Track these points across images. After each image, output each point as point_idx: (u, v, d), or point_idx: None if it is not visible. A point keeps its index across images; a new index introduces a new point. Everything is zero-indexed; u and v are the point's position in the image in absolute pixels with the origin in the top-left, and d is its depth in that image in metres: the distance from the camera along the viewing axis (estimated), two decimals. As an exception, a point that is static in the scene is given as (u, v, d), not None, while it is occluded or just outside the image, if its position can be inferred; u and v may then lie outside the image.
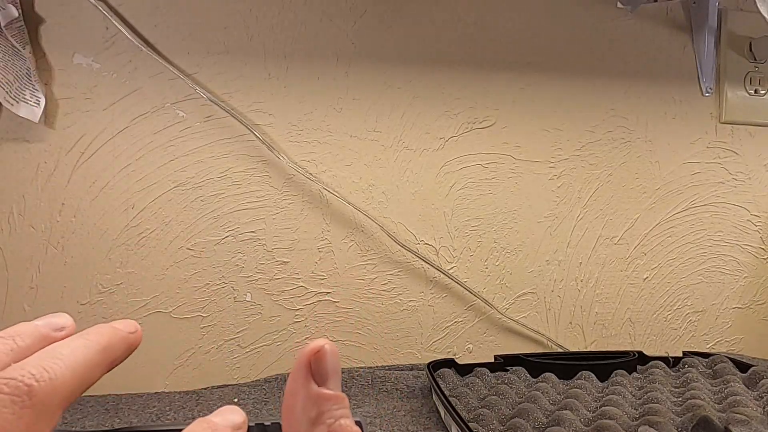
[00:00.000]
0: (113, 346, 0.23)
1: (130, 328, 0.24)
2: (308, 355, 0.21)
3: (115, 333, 0.23)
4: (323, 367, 0.21)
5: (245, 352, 0.81)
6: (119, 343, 0.23)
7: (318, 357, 0.21)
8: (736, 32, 0.96)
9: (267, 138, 0.79)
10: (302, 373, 0.21)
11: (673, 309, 0.96)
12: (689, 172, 0.95)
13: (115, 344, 0.23)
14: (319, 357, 0.21)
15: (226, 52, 0.79)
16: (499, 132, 0.88)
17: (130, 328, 0.24)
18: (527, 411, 0.60)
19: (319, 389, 0.20)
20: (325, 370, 0.21)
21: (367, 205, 0.83)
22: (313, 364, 0.21)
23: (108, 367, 0.23)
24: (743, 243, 0.98)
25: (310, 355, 0.21)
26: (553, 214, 0.91)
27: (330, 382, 0.21)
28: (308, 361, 0.21)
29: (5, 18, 0.69)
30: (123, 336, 0.23)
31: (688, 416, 0.59)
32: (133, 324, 0.24)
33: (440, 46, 0.85)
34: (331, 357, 0.21)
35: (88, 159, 0.75)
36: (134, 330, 0.24)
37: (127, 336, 0.24)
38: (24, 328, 0.22)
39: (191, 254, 0.79)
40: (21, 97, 0.71)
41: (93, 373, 0.21)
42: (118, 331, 0.23)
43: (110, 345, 0.23)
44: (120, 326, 0.24)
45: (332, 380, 0.21)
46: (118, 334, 0.23)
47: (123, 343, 0.23)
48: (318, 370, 0.21)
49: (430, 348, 0.87)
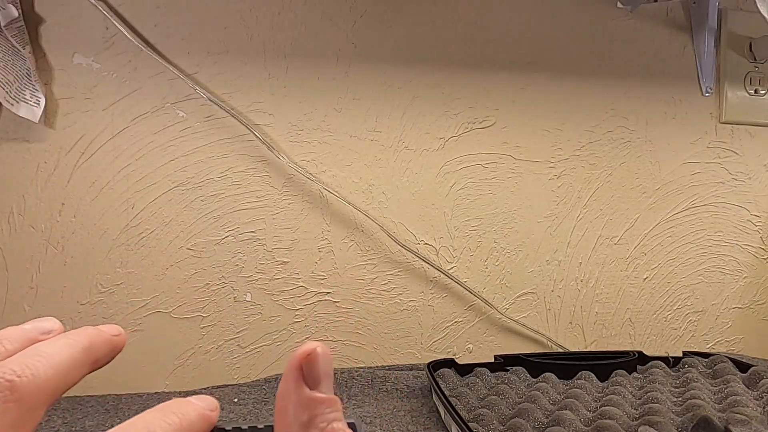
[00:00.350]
0: (96, 346, 0.23)
1: (113, 331, 0.24)
2: (300, 358, 0.20)
3: (99, 334, 0.24)
4: (315, 371, 0.20)
5: (245, 352, 0.81)
6: (103, 344, 0.24)
7: (310, 360, 0.20)
8: (736, 32, 0.96)
9: (267, 138, 0.79)
10: (294, 376, 0.20)
11: (673, 309, 0.96)
12: (689, 172, 0.95)
13: (99, 345, 0.23)
14: (310, 360, 0.20)
15: (226, 52, 0.79)
16: (499, 132, 0.88)
17: (113, 331, 0.24)
18: (527, 411, 0.60)
19: (311, 393, 0.20)
20: (317, 373, 0.20)
21: (367, 205, 0.83)
22: (304, 367, 0.20)
23: (91, 366, 0.23)
24: (743, 243, 0.98)
25: (302, 358, 0.20)
26: (553, 214, 0.91)
27: (322, 385, 0.20)
28: (300, 364, 0.20)
29: (5, 18, 0.69)
30: (106, 338, 0.24)
31: (688, 416, 0.59)
32: (117, 328, 0.25)
33: (440, 46, 0.85)
34: (323, 360, 0.20)
35: (88, 159, 0.75)
36: (118, 333, 0.25)
37: (110, 338, 0.24)
38: (12, 332, 0.23)
39: (191, 254, 0.79)
40: (21, 97, 0.71)
41: (76, 371, 0.22)
42: (102, 333, 0.24)
43: (93, 345, 0.23)
44: (104, 329, 0.24)
45: (324, 383, 0.21)
46: (101, 335, 0.24)
47: (106, 345, 0.24)
48: (310, 374, 0.20)
49: (430, 348, 0.87)
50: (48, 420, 0.64)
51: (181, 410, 0.21)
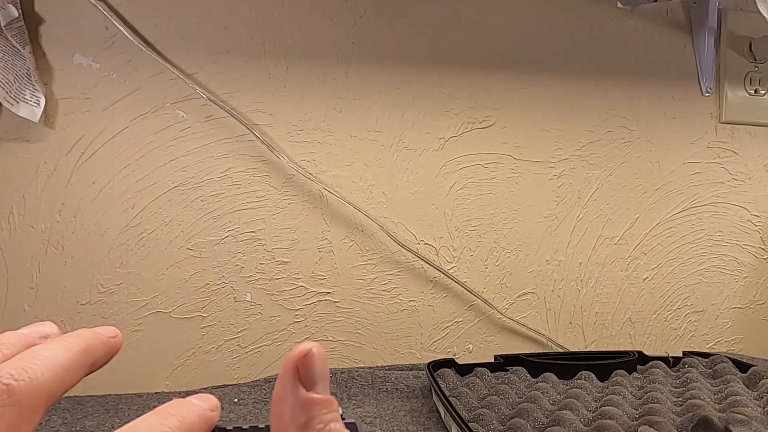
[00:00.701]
0: (93, 348, 0.23)
1: (110, 333, 0.24)
2: (296, 359, 0.20)
3: (95, 336, 0.24)
4: (311, 372, 0.20)
5: (245, 352, 0.81)
6: (99, 346, 0.24)
7: (306, 361, 0.20)
8: (736, 32, 0.96)
9: (267, 138, 0.79)
10: (290, 377, 0.20)
11: (673, 309, 0.96)
12: (689, 172, 0.95)
13: (95, 347, 0.23)
14: (306, 361, 0.20)
15: (226, 52, 0.79)
16: (499, 132, 0.88)
17: (110, 333, 0.24)
18: (527, 411, 0.60)
19: (307, 394, 0.20)
20: (314, 374, 0.20)
21: (367, 205, 0.83)
22: (300, 368, 0.20)
23: (88, 369, 0.23)
24: (743, 243, 0.98)
25: (298, 359, 0.20)
26: (553, 214, 0.91)
27: (318, 385, 0.20)
28: (296, 365, 0.20)
29: (5, 18, 0.69)
30: (103, 339, 0.24)
31: (688, 416, 0.59)
32: (114, 329, 0.25)
33: (440, 46, 0.85)
34: (319, 360, 0.20)
35: (88, 159, 0.75)
36: (114, 335, 0.25)
37: (107, 340, 0.24)
38: (10, 336, 0.23)
39: (191, 254, 0.79)
40: (21, 97, 0.71)
41: (73, 374, 0.22)
42: (99, 335, 0.24)
43: (90, 347, 0.23)
44: (101, 330, 0.24)
45: (321, 384, 0.20)
46: (98, 337, 0.24)
47: (103, 347, 0.24)
48: (306, 375, 0.20)
49: (430, 348, 0.87)
50: (48, 420, 0.64)
51: (180, 412, 0.21)
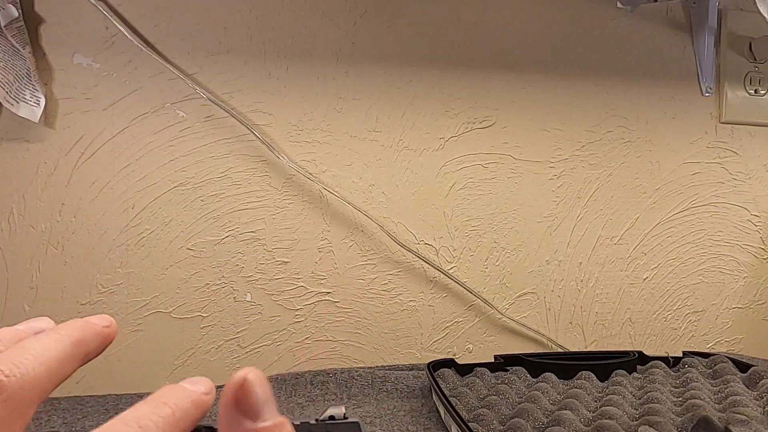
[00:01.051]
0: (87, 339, 0.23)
1: (104, 322, 0.24)
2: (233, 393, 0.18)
3: (89, 327, 0.23)
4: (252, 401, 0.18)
5: (245, 352, 0.81)
6: (93, 337, 0.23)
7: (244, 393, 0.18)
8: (736, 32, 0.96)
9: (267, 138, 0.79)
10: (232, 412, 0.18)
11: (673, 309, 0.96)
12: (689, 172, 0.95)
13: (89, 338, 0.23)
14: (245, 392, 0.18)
15: (226, 52, 0.79)
16: (499, 132, 0.88)
17: (104, 323, 0.24)
18: (527, 411, 0.60)
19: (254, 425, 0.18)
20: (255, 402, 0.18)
21: (367, 205, 0.83)
22: (240, 401, 0.18)
23: (82, 360, 0.22)
24: (743, 243, 0.98)
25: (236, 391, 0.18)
26: (553, 214, 0.91)
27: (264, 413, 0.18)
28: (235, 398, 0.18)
29: (5, 18, 0.69)
30: (97, 330, 0.23)
31: (688, 416, 0.59)
32: (108, 318, 0.24)
33: (440, 46, 0.85)
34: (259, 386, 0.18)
35: (88, 159, 0.75)
36: (108, 324, 0.24)
37: (101, 330, 0.23)
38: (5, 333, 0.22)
39: (191, 254, 0.79)
40: (21, 97, 0.71)
41: (66, 366, 0.21)
42: (92, 325, 0.23)
43: (83, 338, 0.22)
44: (94, 320, 0.24)
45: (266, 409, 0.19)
46: (92, 328, 0.23)
47: (97, 337, 0.23)
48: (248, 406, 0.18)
49: (430, 348, 0.87)
50: (48, 420, 0.64)
51: (173, 399, 0.20)
